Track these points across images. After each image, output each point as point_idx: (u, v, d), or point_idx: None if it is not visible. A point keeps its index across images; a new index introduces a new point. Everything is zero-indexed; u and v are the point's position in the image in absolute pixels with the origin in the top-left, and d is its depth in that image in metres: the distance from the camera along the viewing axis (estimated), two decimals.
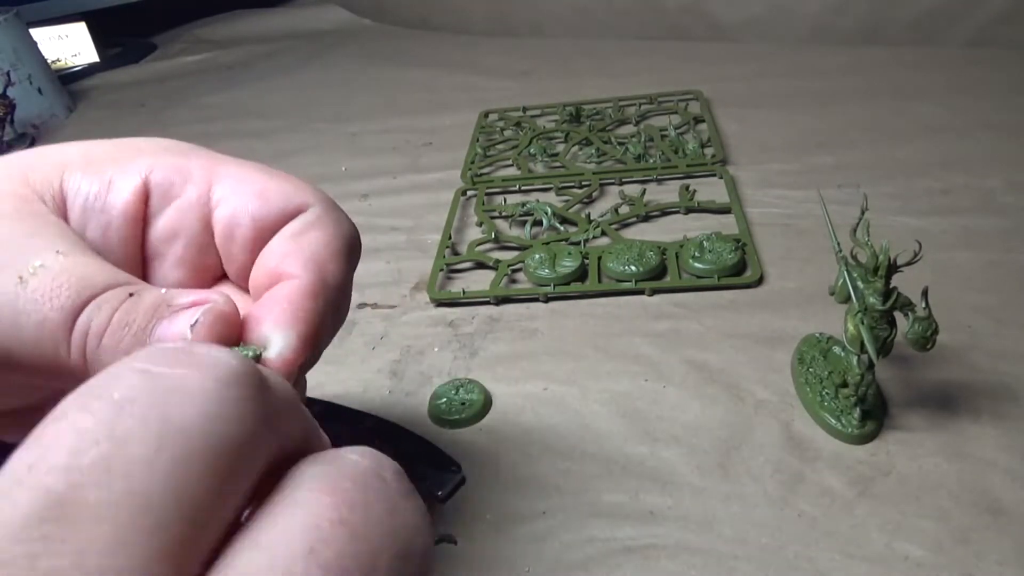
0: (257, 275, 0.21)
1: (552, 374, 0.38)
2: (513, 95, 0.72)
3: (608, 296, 0.43)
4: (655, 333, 0.40)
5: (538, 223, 0.50)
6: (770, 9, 0.75)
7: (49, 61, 0.90)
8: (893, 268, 0.28)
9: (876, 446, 0.31)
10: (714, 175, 0.53)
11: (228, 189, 0.21)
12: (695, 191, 0.51)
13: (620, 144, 0.59)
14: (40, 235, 0.18)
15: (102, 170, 0.20)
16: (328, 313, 0.20)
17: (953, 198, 0.47)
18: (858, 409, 0.31)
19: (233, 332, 0.18)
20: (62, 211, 0.20)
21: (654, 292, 0.43)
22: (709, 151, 0.56)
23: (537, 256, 0.45)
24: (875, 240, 0.29)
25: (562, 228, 0.49)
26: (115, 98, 0.92)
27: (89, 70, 1.01)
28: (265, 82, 0.89)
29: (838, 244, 0.31)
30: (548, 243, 0.48)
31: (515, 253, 0.48)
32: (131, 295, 0.18)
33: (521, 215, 0.51)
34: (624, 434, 0.34)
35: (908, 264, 0.28)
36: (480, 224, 0.51)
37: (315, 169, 0.64)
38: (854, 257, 0.30)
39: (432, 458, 0.32)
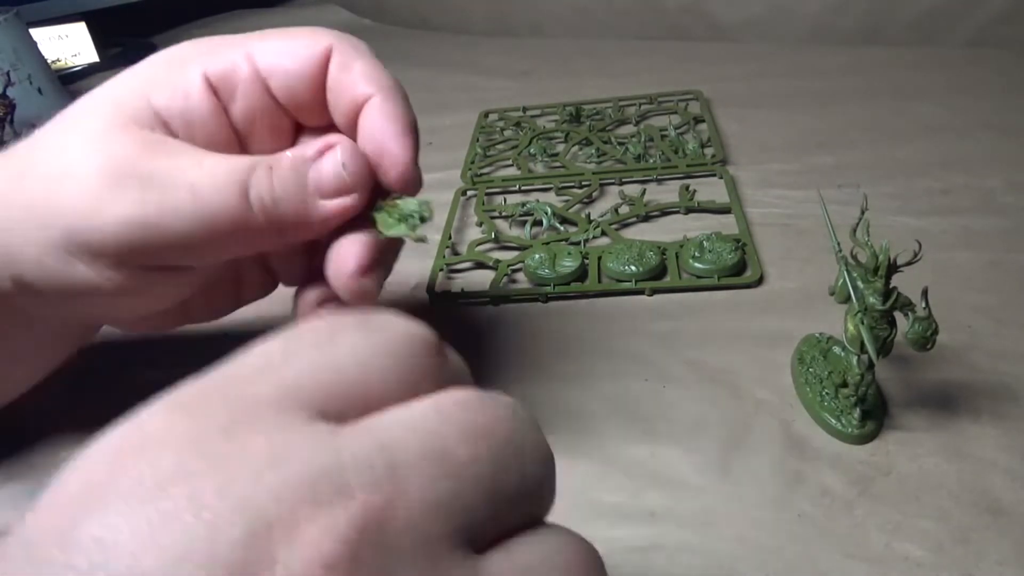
0: (338, 112, 0.27)
1: (552, 374, 0.38)
2: (513, 95, 0.72)
3: (608, 296, 0.43)
4: (655, 333, 0.40)
5: (538, 223, 0.50)
6: (770, 9, 0.75)
7: (49, 61, 0.90)
8: (893, 268, 0.28)
9: (876, 446, 0.31)
10: (714, 175, 0.53)
11: (270, 61, 0.26)
12: (695, 191, 0.51)
13: (620, 144, 0.59)
14: (176, 155, 0.24)
15: (174, 83, 0.25)
16: (407, 105, 0.27)
17: (953, 198, 0.47)
18: (858, 409, 0.31)
19: (364, 159, 0.25)
20: (166, 127, 0.25)
21: (654, 292, 0.43)
22: (709, 151, 0.56)
23: (537, 256, 0.45)
24: (875, 240, 0.29)
25: (562, 228, 0.49)
26: None
27: (89, 70, 1.01)
28: None
29: (838, 244, 0.31)
30: (548, 243, 0.48)
31: (515, 253, 0.48)
32: (271, 168, 0.24)
33: (521, 215, 0.51)
34: (624, 434, 0.34)
35: (908, 264, 0.28)
36: (480, 224, 0.51)
37: None
38: (854, 257, 0.30)
39: None
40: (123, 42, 1.09)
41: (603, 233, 0.48)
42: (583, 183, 0.55)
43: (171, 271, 0.26)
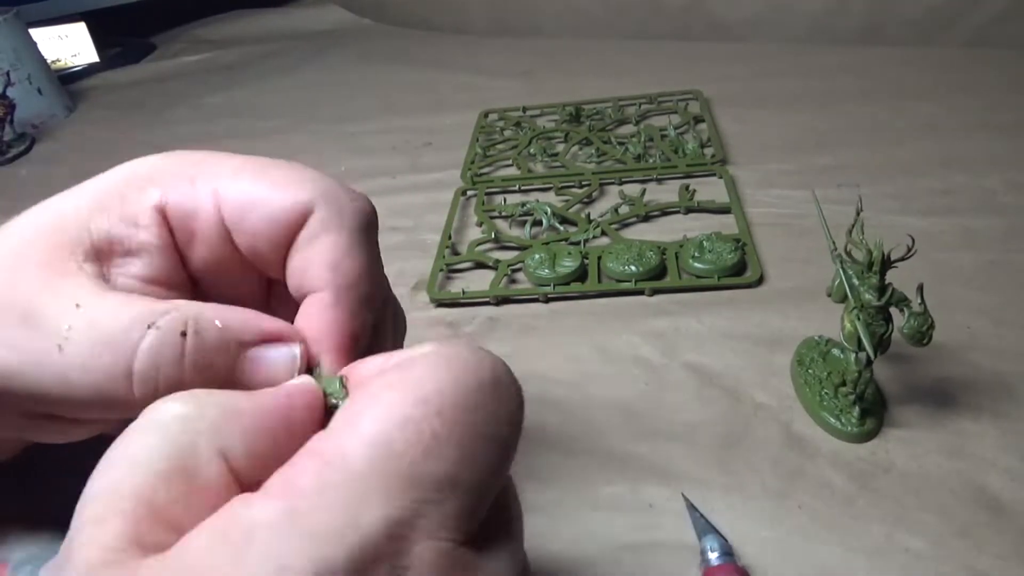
0: (290, 282, 0.22)
1: (552, 374, 0.38)
2: (513, 95, 0.72)
3: (608, 296, 0.43)
4: (655, 333, 0.40)
5: (538, 223, 0.50)
6: (770, 8, 0.75)
7: (49, 61, 0.90)
8: (887, 264, 0.28)
9: (876, 444, 0.32)
10: (714, 175, 0.53)
11: (237, 210, 0.21)
12: (695, 191, 0.51)
13: (620, 144, 0.59)
14: (63, 293, 0.18)
15: (123, 209, 0.20)
16: (359, 309, 0.21)
17: (953, 198, 0.47)
18: (857, 407, 0.31)
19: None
20: (103, 258, 0.20)
21: (654, 292, 0.43)
22: (709, 151, 0.56)
23: (537, 256, 0.45)
24: (871, 239, 0.29)
25: (562, 228, 0.49)
26: (115, 98, 0.92)
27: (89, 70, 1.01)
28: (265, 82, 0.89)
29: (833, 243, 0.31)
30: (548, 243, 0.48)
31: (515, 253, 0.48)
32: (184, 334, 0.18)
33: (521, 215, 0.51)
34: (624, 433, 0.34)
35: (902, 259, 0.28)
36: (480, 224, 0.51)
37: (315, 169, 0.64)
38: (849, 254, 0.30)
39: None
40: (123, 42, 1.09)
41: (603, 233, 0.48)
42: (583, 183, 0.55)
43: (46, 418, 0.20)
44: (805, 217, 0.47)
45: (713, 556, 0.27)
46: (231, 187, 0.21)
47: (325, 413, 0.18)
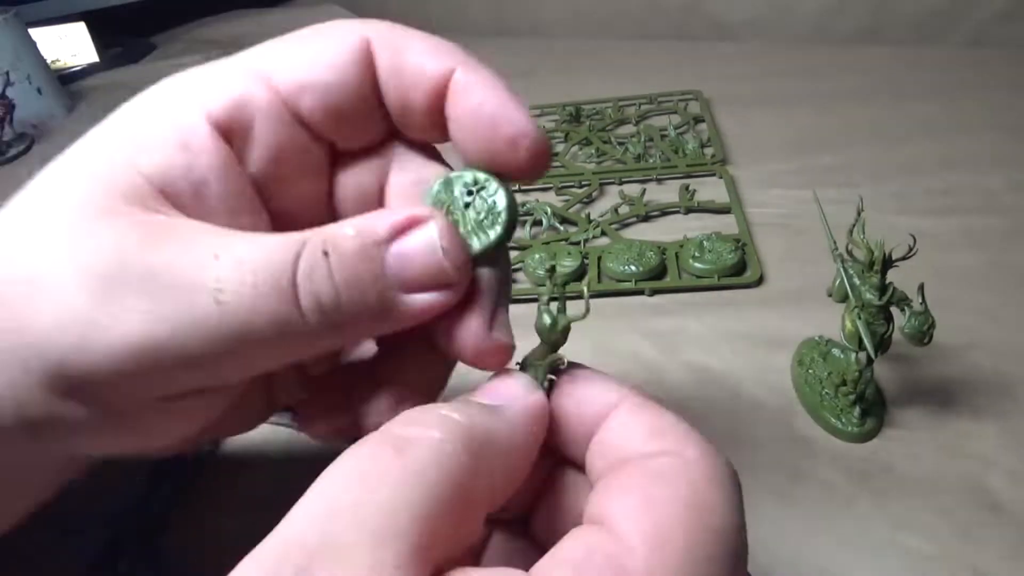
0: (409, 107, 0.20)
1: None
2: None
3: (608, 296, 0.43)
4: (655, 333, 0.40)
5: (538, 223, 0.50)
6: (770, 9, 0.75)
7: (49, 61, 0.90)
8: (888, 263, 0.28)
9: (876, 444, 0.31)
10: (714, 175, 0.53)
11: (296, 77, 0.20)
12: (695, 191, 0.51)
13: (620, 144, 0.59)
14: (187, 246, 0.17)
15: (166, 137, 0.19)
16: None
17: (953, 198, 0.47)
18: (858, 407, 0.31)
19: (460, 239, 0.18)
20: (166, 198, 0.18)
21: (654, 292, 0.43)
22: (709, 151, 0.56)
23: (537, 256, 0.45)
24: (872, 238, 0.29)
25: (562, 228, 0.49)
26: (115, 98, 0.91)
27: (89, 70, 1.01)
28: None
29: (834, 242, 0.31)
30: (548, 243, 0.48)
31: (515, 253, 0.48)
32: (325, 253, 0.17)
33: (521, 215, 0.51)
34: None
35: (903, 259, 0.28)
36: None
37: None
38: (850, 254, 0.30)
39: None
40: (123, 42, 1.09)
41: (603, 233, 0.48)
42: (583, 183, 0.55)
43: (187, 396, 0.18)
44: (805, 217, 0.47)
45: None
46: (279, 63, 0.20)
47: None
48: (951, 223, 0.44)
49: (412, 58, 0.20)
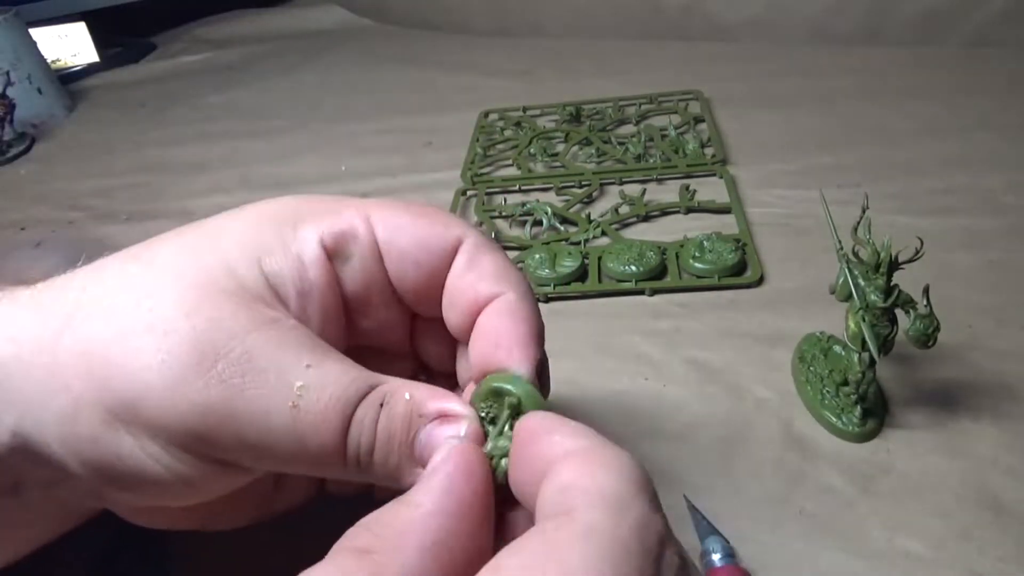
0: (454, 310, 0.23)
1: (552, 374, 0.38)
2: (513, 95, 0.72)
3: (608, 296, 0.43)
4: (655, 332, 0.40)
5: (538, 223, 0.50)
6: (770, 9, 0.75)
7: (49, 61, 0.90)
8: (894, 265, 0.28)
9: (877, 444, 0.31)
10: (714, 175, 0.53)
11: (390, 234, 0.23)
12: (695, 191, 0.51)
13: (620, 144, 0.59)
14: (286, 346, 0.19)
15: (287, 246, 0.22)
16: (537, 312, 0.23)
17: (953, 198, 0.47)
18: (859, 407, 0.31)
19: (479, 443, 0.20)
20: (277, 297, 0.21)
21: (654, 292, 0.43)
22: (709, 151, 0.56)
23: (537, 256, 0.45)
24: (876, 238, 0.29)
25: (562, 228, 0.49)
26: (115, 98, 0.92)
27: (89, 70, 1.01)
28: (265, 82, 0.89)
29: (839, 242, 0.31)
30: (548, 243, 0.48)
31: (515, 253, 0.48)
32: (382, 405, 0.20)
33: (521, 215, 0.51)
34: (624, 433, 0.34)
35: (909, 261, 0.28)
36: (480, 224, 0.51)
37: (315, 169, 0.64)
38: (855, 255, 0.30)
39: None
40: (123, 42, 1.09)
41: (603, 233, 0.48)
42: (583, 183, 0.55)
43: (222, 466, 0.20)
44: (805, 217, 0.47)
45: (716, 558, 0.27)
46: (382, 214, 0.23)
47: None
48: (951, 223, 0.44)
49: (475, 272, 0.23)
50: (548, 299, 0.44)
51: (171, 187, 0.66)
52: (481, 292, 0.22)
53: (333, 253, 0.22)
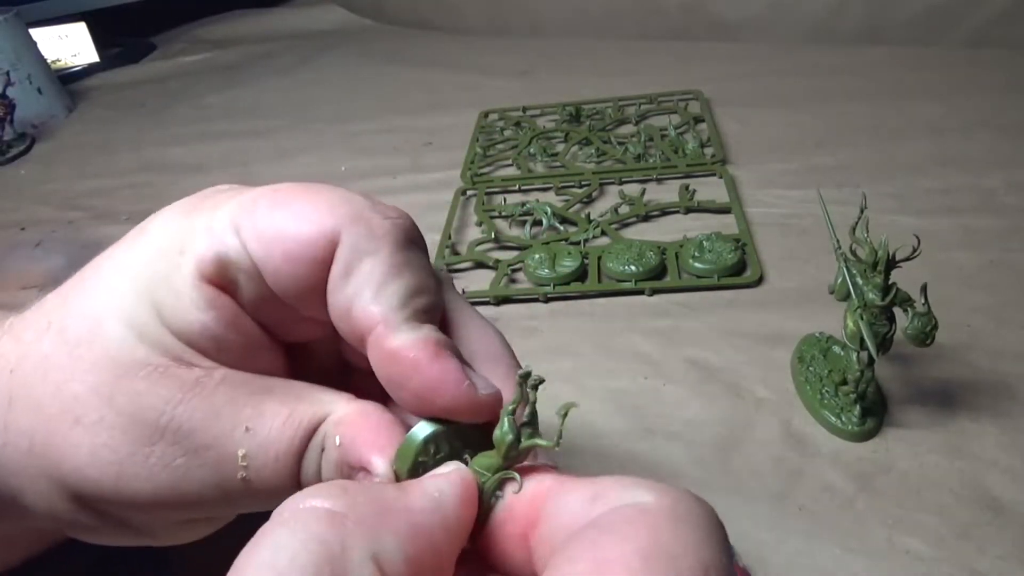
0: (341, 329, 0.19)
1: (552, 373, 0.38)
2: (513, 95, 0.72)
3: (608, 296, 0.43)
4: (655, 332, 0.40)
5: (538, 223, 0.50)
6: (770, 8, 0.75)
7: (49, 61, 0.91)
8: (892, 263, 0.28)
9: (876, 444, 0.32)
10: (714, 175, 0.53)
11: (264, 253, 0.19)
12: (695, 191, 0.51)
13: (620, 144, 0.59)
14: (217, 409, 0.18)
15: (179, 293, 0.19)
16: (429, 338, 0.18)
17: (953, 198, 0.47)
18: (858, 406, 0.31)
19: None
20: (190, 349, 0.19)
21: (654, 292, 0.43)
22: (709, 151, 0.56)
23: (537, 256, 0.45)
24: (874, 238, 0.29)
25: (562, 228, 0.49)
26: (115, 98, 0.92)
27: (89, 70, 1.01)
28: (265, 82, 0.89)
29: (837, 241, 0.31)
30: (548, 243, 0.48)
31: (515, 253, 0.48)
32: (322, 450, 0.19)
33: (521, 215, 0.51)
34: (624, 431, 0.34)
35: (907, 260, 0.28)
36: (480, 224, 0.51)
37: (315, 169, 0.64)
38: (853, 253, 0.30)
39: None
40: (123, 42, 1.09)
41: (603, 233, 0.48)
42: (583, 183, 0.55)
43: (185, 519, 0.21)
44: (805, 217, 0.47)
45: None
46: (248, 223, 0.19)
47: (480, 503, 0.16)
48: (951, 223, 0.44)
49: (350, 287, 0.18)
50: (548, 299, 0.44)
51: (171, 187, 0.66)
52: (357, 320, 0.18)
53: (220, 283, 0.19)
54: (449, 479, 0.16)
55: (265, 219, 0.19)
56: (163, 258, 0.19)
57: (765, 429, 0.33)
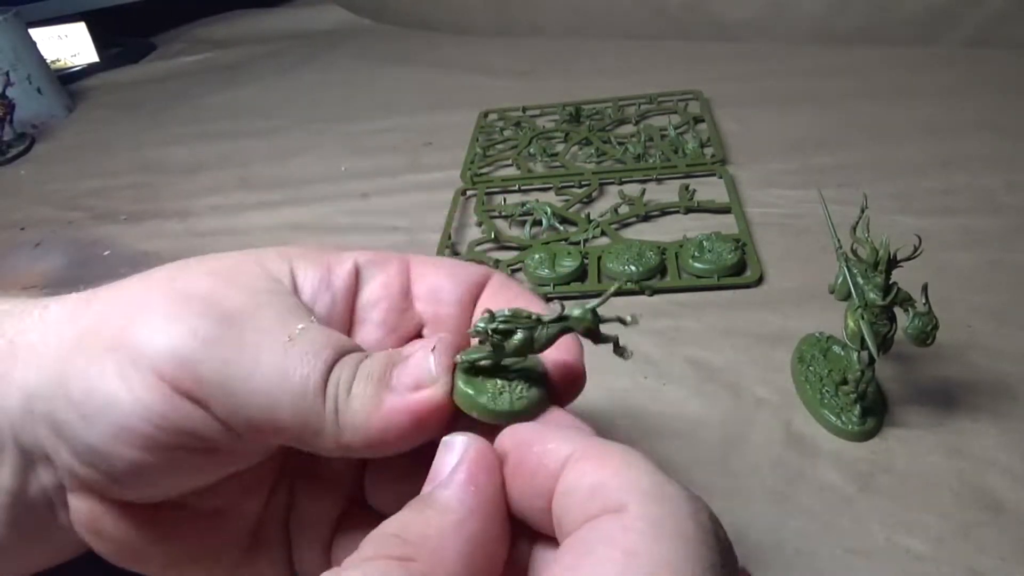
0: None
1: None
2: (513, 95, 0.72)
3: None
4: (655, 331, 0.40)
5: (538, 223, 0.50)
6: (770, 8, 0.75)
7: (49, 61, 0.91)
8: (893, 263, 0.28)
9: (876, 444, 0.31)
10: (714, 175, 0.53)
11: (423, 268, 0.25)
12: (695, 191, 0.51)
13: (620, 144, 0.59)
14: (294, 311, 0.21)
15: (320, 260, 0.24)
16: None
17: (953, 198, 0.47)
18: (858, 406, 0.31)
19: (454, 350, 0.21)
20: (294, 291, 0.23)
21: (654, 292, 0.43)
22: (709, 151, 0.56)
23: (537, 256, 0.45)
24: (875, 237, 0.29)
25: (561, 228, 0.49)
26: (115, 98, 0.92)
27: (89, 70, 1.01)
28: (265, 82, 0.89)
29: (838, 241, 0.31)
30: (548, 243, 0.48)
31: (515, 253, 0.48)
32: (367, 356, 0.21)
33: (520, 215, 0.51)
34: (623, 431, 0.34)
35: (908, 259, 0.28)
36: (480, 224, 0.51)
37: (315, 169, 0.64)
38: (854, 253, 0.30)
39: None
40: (123, 42, 1.09)
41: (603, 233, 0.48)
42: (582, 183, 0.55)
43: (194, 405, 0.20)
44: (805, 217, 0.47)
45: None
46: (426, 259, 0.25)
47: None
48: (951, 223, 0.44)
49: (504, 296, 0.25)
50: (548, 299, 0.44)
51: (170, 187, 0.66)
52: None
53: (364, 272, 0.24)
54: (457, 482, 0.17)
55: (436, 262, 0.26)
56: (324, 248, 0.25)
57: (765, 429, 0.33)
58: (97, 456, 0.20)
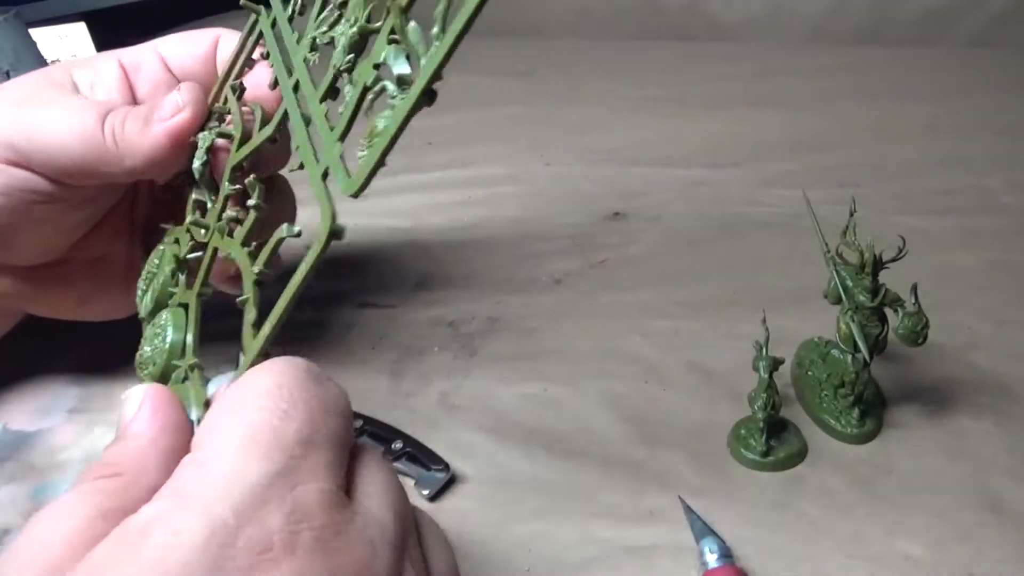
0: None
1: (552, 375, 0.38)
2: (513, 95, 0.72)
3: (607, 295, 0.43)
4: (655, 333, 0.40)
5: None
6: (770, 9, 0.75)
7: (49, 61, 0.90)
8: (879, 265, 0.28)
9: (876, 446, 0.31)
10: None
11: (170, 48, 0.36)
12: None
13: None
14: (72, 93, 0.31)
15: (92, 62, 0.33)
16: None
17: (953, 198, 0.47)
18: (856, 408, 0.31)
19: (199, 90, 0.30)
20: (74, 89, 0.31)
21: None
22: None
23: None
24: (875, 239, 0.29)
25: None
26: None
27: None
28: None
29: (826, 244, 0.31)
30: None
31: None
32: (132, 109, 0.29)
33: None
34: (624, 435, 0.34)
35: (893, 260, 0.28)
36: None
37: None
38: (841, 256, 0.30)
39: (421, 458, 0.32)
40: (123, 42, 1.09)
41: None
42: None
43: (43, 204, 0.30)
44: (805, 217, 0.47)
45: (712, 558, 0.27)
46: (164, 41, 0.36)
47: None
48: (951, 223, 0.44)
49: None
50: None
51: None
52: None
53: (127, 67, 0.33)
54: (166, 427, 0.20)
55: (178, 37, 0.38)
56: (89, 57, 0.35)
57: None
58: None
